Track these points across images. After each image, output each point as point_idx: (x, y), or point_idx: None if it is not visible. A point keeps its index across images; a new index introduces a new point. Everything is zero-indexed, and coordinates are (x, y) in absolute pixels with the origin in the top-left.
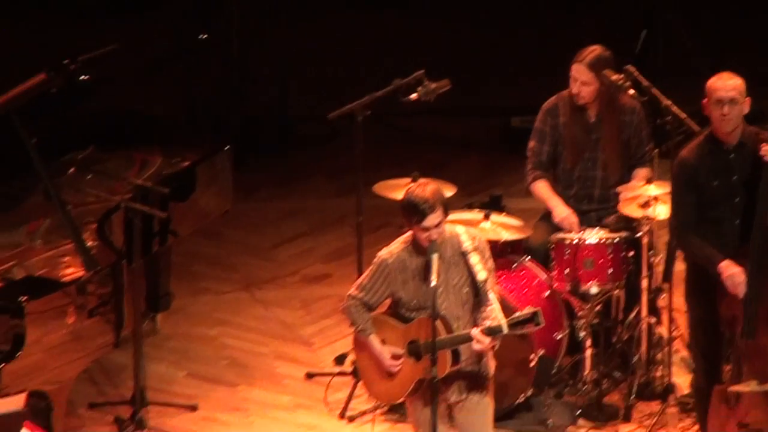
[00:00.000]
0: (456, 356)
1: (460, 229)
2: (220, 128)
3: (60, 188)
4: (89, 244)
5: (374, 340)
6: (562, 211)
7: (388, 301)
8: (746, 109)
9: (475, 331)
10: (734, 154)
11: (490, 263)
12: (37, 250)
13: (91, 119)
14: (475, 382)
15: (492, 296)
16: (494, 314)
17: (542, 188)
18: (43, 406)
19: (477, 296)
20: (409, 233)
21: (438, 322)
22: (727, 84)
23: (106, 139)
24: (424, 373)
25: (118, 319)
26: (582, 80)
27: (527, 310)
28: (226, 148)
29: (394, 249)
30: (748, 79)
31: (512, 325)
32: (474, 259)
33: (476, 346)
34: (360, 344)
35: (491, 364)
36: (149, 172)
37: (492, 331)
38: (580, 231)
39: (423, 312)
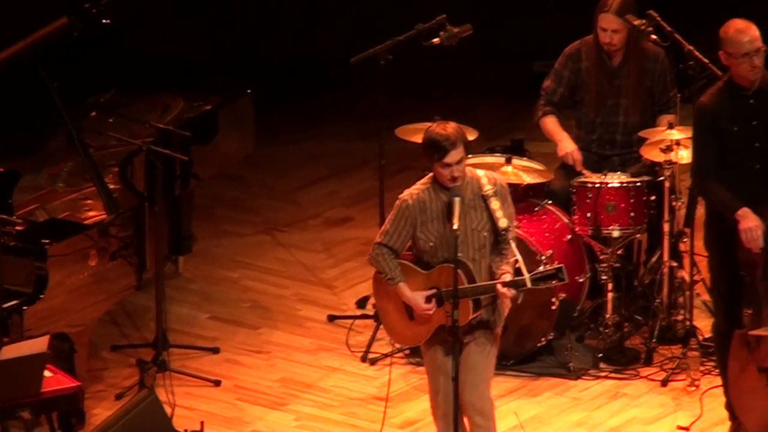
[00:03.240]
0: (477, 304)
1: (480, 173)
2: (243, 72)
3: (82, 131)
4: (111, 187)
5: (404, 288)
6: (567, 146)
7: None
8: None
9: (500, 286)
10: (754, 99)
11: (511, 209)
12: (60, 193)
13: (112, 63)
14: (486, 324)
15: (513, 247)
16: (517, 266)
17: (550, 123)
18: (66, 349)
19: (495, 240)
20: (428, 175)
21: (460, 271)
22: (750, 35)
23: (128, 82)
24: (445, 318)
25: (140, 261)
26: (612, 29)
27: (551, 267)
28: (248, 91)
29: (414, 190)
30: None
31: (536, 280)
32: (495, 205)
33: (502, 299)
34: (380, 289)
35: (505, 309)
36: (171, 116)
37: (515, 284)
38: (582, 167)
39: (441, 254)
